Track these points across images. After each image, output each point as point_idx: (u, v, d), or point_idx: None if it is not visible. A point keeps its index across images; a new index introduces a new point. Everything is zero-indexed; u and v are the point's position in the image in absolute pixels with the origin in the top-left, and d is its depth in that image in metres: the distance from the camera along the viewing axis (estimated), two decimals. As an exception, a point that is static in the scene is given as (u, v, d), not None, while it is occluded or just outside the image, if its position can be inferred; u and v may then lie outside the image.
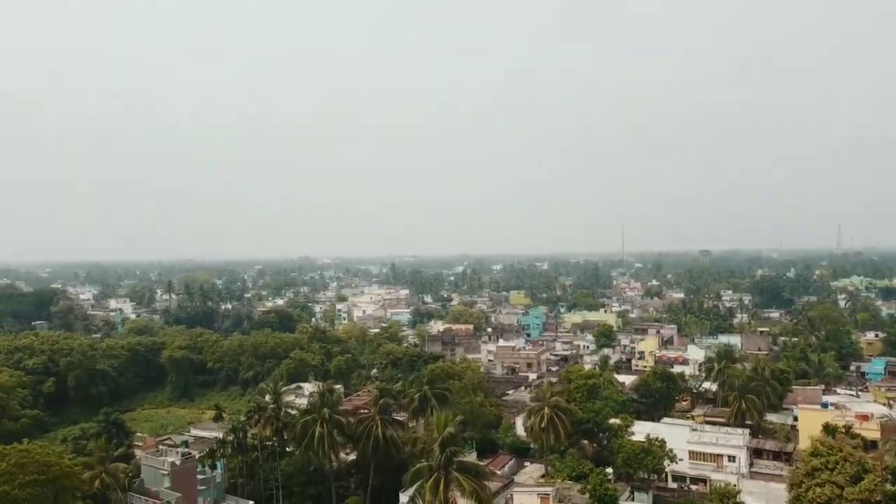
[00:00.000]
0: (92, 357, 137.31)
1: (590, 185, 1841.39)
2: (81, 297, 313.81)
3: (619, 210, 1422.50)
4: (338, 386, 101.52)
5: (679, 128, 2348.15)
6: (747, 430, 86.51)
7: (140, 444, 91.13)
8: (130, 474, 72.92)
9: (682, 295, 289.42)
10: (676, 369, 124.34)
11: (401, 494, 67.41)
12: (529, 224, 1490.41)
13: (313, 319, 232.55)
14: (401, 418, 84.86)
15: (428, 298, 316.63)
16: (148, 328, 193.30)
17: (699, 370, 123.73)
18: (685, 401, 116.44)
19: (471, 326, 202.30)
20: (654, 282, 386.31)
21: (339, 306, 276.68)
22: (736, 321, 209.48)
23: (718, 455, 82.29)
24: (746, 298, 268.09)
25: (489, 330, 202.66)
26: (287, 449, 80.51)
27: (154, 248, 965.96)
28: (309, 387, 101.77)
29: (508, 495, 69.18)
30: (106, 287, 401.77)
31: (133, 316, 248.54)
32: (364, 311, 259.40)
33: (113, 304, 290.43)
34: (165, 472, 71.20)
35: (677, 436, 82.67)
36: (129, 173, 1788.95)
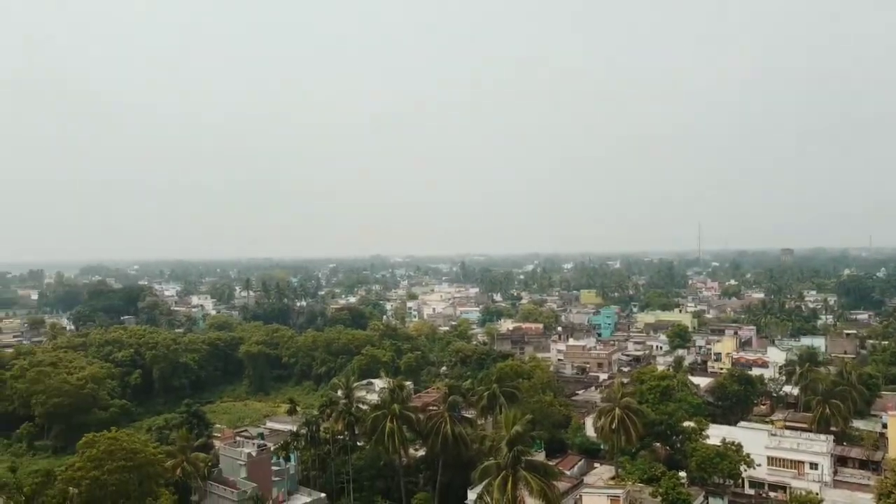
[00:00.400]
0: (175, 351, 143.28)
1: (662, 183, 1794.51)
2: (166, 293, 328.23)
3: (695, 208, 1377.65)
4: (408, 382, 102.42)
5: (754, 127, 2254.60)
6: (831, 437, 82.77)
7: (219, 435, 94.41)
8: (210, 464, 75.80)
9: (761, 295, 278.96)
10: (755, 372, 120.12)
11: (469, 492, 67.66)
12: (601, 223, 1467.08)
13: (384, 317, 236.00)
14: (469, 416, 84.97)
15: (497, 297, 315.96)
16: (227, 324, 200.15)
17: (780, 373, 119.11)
18: (764, 405, 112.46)
19: (540, 325, 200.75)
20: (733, 281, 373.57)
21: (409, 304, 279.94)
22: (820, 323, 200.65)
23: (799, 462, 78.98)
24: (832, 299, 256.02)
25: (559, 329, 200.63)
26: (358, 443, 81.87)
27: (233, 246, 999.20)
28: (379, 383, 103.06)
29: (577, 496, 68.38)
30: (188, 284, 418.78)
31: (213, 312, 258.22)
32: (434, 309, 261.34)
33: (195, 300, 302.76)
34: (242, 463, 73.70)
35: (755, 441, 79.86)
36: (208, 175, 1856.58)
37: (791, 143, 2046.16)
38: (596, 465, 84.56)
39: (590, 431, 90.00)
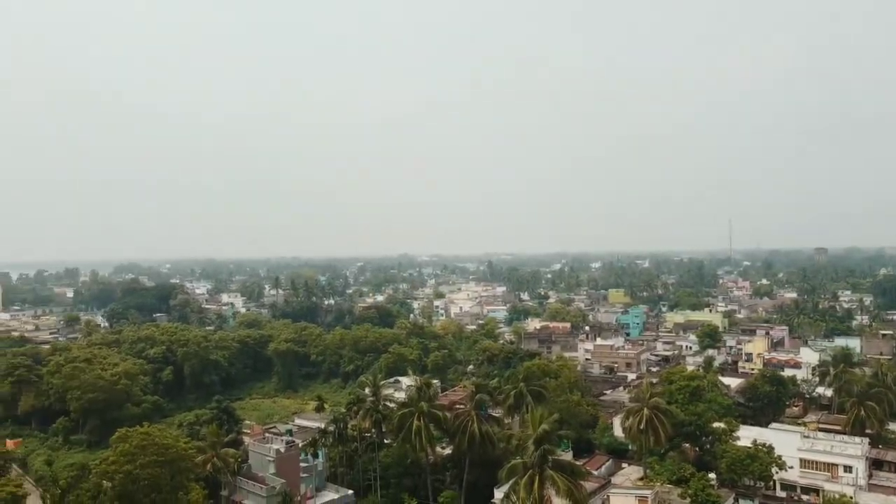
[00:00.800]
0: (206, 348, 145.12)
1: (690, 180, 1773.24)
2: (197, 291, 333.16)
3: (725, 206, 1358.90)
4: (434, 381, 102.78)
5: (780, 124, 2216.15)
6: (866, 440, 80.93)
7: (248, 431, 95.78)
8: (239, 459, 76.95)
9: (794, 295, 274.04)
10: (787, 373, 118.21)
11: (495, 490, 67.65)
12: (630, 221, 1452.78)
13: (411, 315, 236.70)
14: (496, 415, 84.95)
15: (525, 296, 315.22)
16: (256, 322, 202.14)
17: (813, 374, 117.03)
18: (796, 406, 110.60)
19: (568, 324, 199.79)
20: (764, 281, 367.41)
21: (436, 303, 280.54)
22: (855, 323, 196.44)
23: (833, 464, 77.37)
24: (867, 299, 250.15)
25: (587, 328, 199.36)
26: (385, 441, 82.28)
27: (264, 246, 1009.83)
28: (407, 381, 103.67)
29: (605, 496, 67.92)
30: (219, 282, 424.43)
31: (243, 310, 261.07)
32: (461, 308, 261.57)
33: (225, 298, 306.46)
34: (271, 459, 74.63)
35: (787, 442, 78.50)
36: (251, 174, 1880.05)
37: (823, 138, 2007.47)
38: (624, 465, 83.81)
39: (618, 431, 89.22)
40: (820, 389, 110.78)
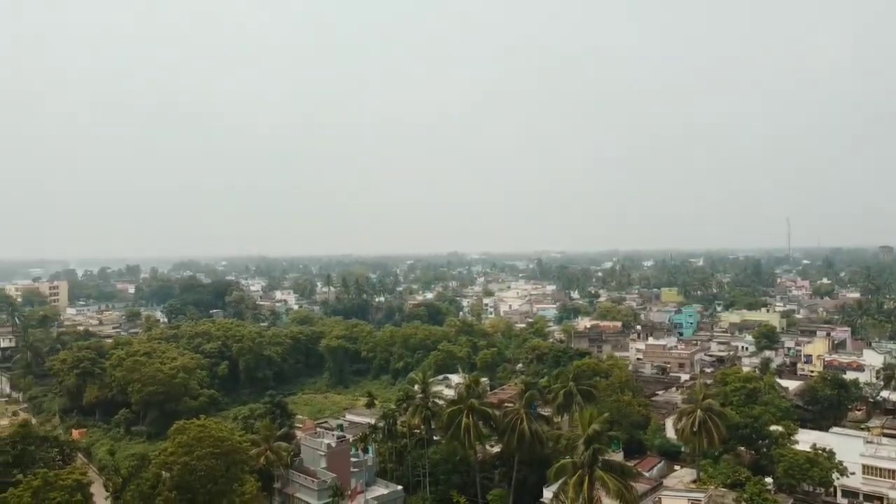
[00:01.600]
0: (260, 344, 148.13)
1: (747, 177, 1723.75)
2: (252, 288, 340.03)
3: (783, 203, 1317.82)
4: (483, 379, 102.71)
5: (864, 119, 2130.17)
6: (934, 446, 77.70)
7: (300, 425, 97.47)
8: (292, 453, 78.29)
9: (857, 295, 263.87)
10: (849, 375, 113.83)
11: (544, 490, 67.30)
12: (684, 219, 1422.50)
13: (461, 313, 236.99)
14: (545, 413, 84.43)
15: (575, 294, 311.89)
16: (308, 318, 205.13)
17: (877, 377, 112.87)
18: (859, 410, 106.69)
19: (619, 323, 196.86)
20: (825, 280, 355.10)
21: (485, 301, 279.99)
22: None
23: (898, 471, 74.58)
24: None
25: (638, 327, 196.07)
26: (434, 438, 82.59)
27: (313, 244, 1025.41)
28: (456, 378, 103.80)
29: (656, 498, 66.92)
30: (273, 280, 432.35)
31: (296, 307, 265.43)
32: (510, 306, 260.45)
33: (278, 295, 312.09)
34: (322, 454, 75.77)
35: (849, 448, 75.89)
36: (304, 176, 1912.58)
37: (888, 128, 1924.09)
38: (676, 467, 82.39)
39: (670, 433, 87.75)
40: (885, 393, 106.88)
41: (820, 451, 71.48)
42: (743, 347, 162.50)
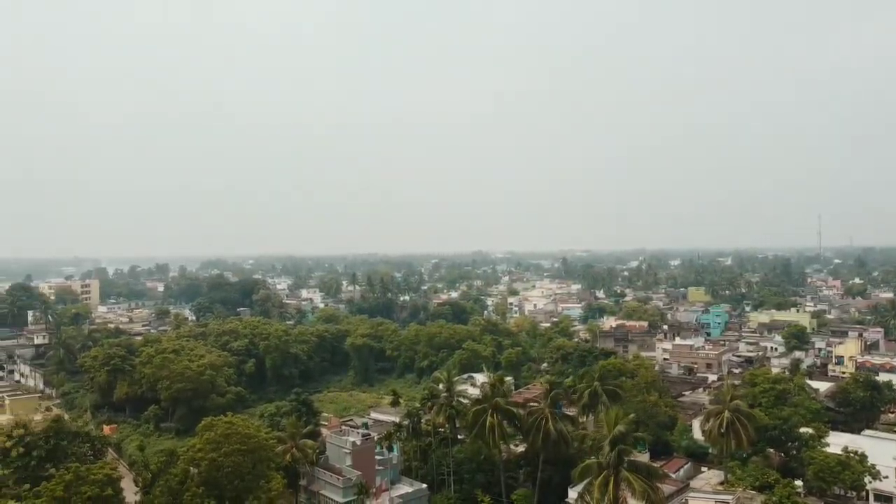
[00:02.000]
0: (286, 342, 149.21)
1: (776, 175, 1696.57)
2: (278, 287, 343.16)
3: (813, 201, 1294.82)
4: (508, 378, 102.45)
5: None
6: (971, 450, 75.76)
7: (326, 423, 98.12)
8: (317, 450, 78.99)
9: (891, 294, 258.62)
10: (883, 377, 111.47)
11: (569, 490, 66.96)
12: (711, 218, 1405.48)
13: (485, 312, 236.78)
14: (570, 413, 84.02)
15: (600, 293, 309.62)
16: (334, 317, 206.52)
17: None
18: (892, 413, 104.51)
19: (645, 323, 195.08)
20: (857, 279, 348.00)
21: (510, 300, 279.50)
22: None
23: (934, 475, 72.84)
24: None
25: (665, 327, 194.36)
26: (459, 436, 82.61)
27: (337, 243, 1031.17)
28: (480, 377, 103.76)
29: (683, 500, 66.28)
30: (299, 278, 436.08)
31: (321, 305, 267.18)
32: (535, 305, 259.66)
33: (304, 293, 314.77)
34: (348, 451, 76.27)
35: (882, 451, 74.32)
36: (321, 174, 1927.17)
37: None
38: (703, 469, 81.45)
39: (697, 434, 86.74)
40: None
41: (852, 454, 70.11)
42: (772, 348, 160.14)
